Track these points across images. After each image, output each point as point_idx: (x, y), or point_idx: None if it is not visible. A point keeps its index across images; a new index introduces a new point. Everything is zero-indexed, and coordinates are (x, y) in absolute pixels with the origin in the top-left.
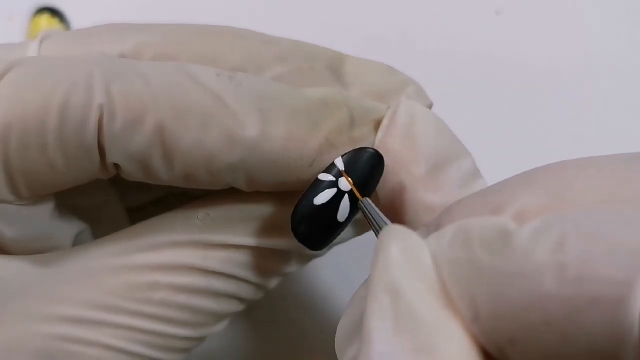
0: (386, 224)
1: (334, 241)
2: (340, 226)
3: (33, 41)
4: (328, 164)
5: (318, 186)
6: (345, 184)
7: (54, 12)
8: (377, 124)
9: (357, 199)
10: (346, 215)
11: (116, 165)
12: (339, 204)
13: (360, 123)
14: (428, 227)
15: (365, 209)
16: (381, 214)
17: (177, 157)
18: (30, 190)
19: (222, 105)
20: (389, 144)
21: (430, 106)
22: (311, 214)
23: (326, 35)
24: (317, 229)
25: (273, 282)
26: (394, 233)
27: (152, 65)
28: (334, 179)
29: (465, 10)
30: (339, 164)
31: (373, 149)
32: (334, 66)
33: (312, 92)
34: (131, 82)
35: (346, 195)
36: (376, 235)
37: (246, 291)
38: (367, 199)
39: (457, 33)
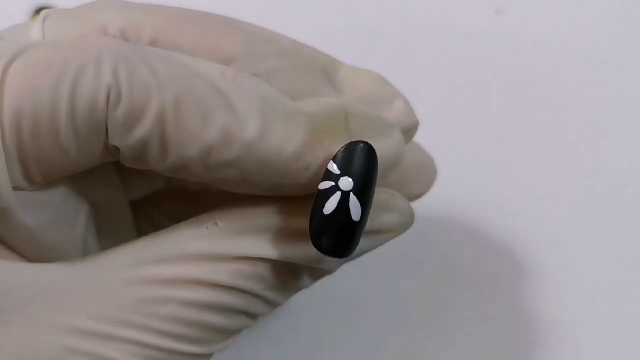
0: None
1: (356, 252)
2: (359, 225)
3: (36, 22)
4: (324, 168)
5: (322, 197)
6: (346, 184)
7: None
8: (378, 134)
9: (365, 195)
10: (360, 213)
11: (118, 149)
12: (349, 204)
13: (360, 131)
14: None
15: None
16: None
17: (174, 148)
18: (44, 177)
19: (225, 102)
20: None
21: (416, 124)
22: (326, 225)
23: (324, 34)
24: (337, 236)
25: (284, 298)
26: None
27: (160, 56)
28: (334, 183)
29: (465, 10)
30: (333, 169)
31: (363, 142)
32: (329, 70)
33: (313, 101)
34: (138, 70)
35: (352, 194)
36: None
37: (256, 306)
38: None
39: (457, 33)
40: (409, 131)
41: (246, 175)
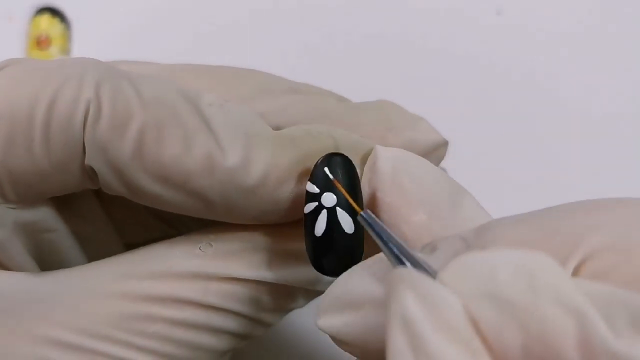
0: (393, 237)
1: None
2: (355, 237)
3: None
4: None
5: (309, 219)
6: (329, 200)
7: (54, 12)
8: (363, 158)
9: (350, 205)
10: (351, 224)
11: (96, 173)
12: (338, 219)
13: (347, 154)
14: (466, 241)
15: (367, 223)
16: (384, 227)
17: (155, 170)
18: (16, 191)
19: (207, 127)
20: (379, 198)
21: (445, 143)
22: (322, 246)
23: (325, 35)
24: (336, 255)
25: (277, 319)
26: (404, 279)
27: (146, 78)
28: (317, 203)
29: (465, 10)
30: (313, 188)
31: (335, 153)
32: (344, 99)
33: (300, 127)
34: (122, 87)
35: (337, 209)
36: (383, 248)
37: (247, 328)
38: (368, 211)
39: (457, 33)
40: (438, 150)
41: (230, 201)
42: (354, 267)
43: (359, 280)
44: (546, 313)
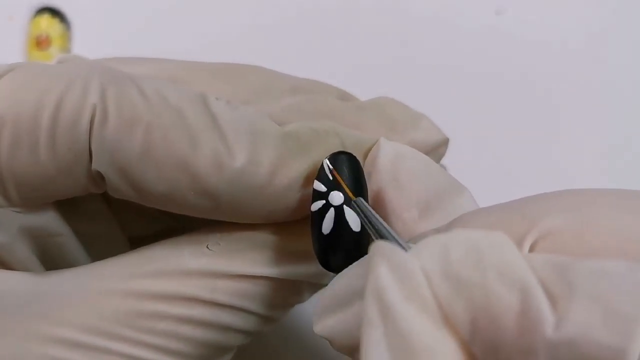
0: (381, 223)
1: None
2: (363, 234)
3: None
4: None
5: (317, 217)
6: (336, 198)
7: (54, 12)
8: (367, 155)
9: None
10: (358, 222)
11: (102, 178)
12: (345, 217)
13: (352, 151)
14: (439, 231)
15: (359, 210)
16: (375, 214)
17: (162, 171)
18: (20, 195)
19: (215, 126)
20: (377, 193)
21: (446, 141)
22: (329, 245)
23: (324, 37)
24: (343, 253)
25: (283, 314)
26: (381, 251)
27: (151, 79)
28: (324, 201)
29: (465, 10)
30: (320, 187)
31: (341, 152)
32: (347, 98)
33: (302, 123)
34: (127, 89)
35: (344, 207)
36: (372, 236)
37: (254, 324)
38: (360, 198)
39: (457, 33)
40: (439, 147)
41: (238, 201)
42: (341, 272)
43: (345, 279)
44: (491, 288)
